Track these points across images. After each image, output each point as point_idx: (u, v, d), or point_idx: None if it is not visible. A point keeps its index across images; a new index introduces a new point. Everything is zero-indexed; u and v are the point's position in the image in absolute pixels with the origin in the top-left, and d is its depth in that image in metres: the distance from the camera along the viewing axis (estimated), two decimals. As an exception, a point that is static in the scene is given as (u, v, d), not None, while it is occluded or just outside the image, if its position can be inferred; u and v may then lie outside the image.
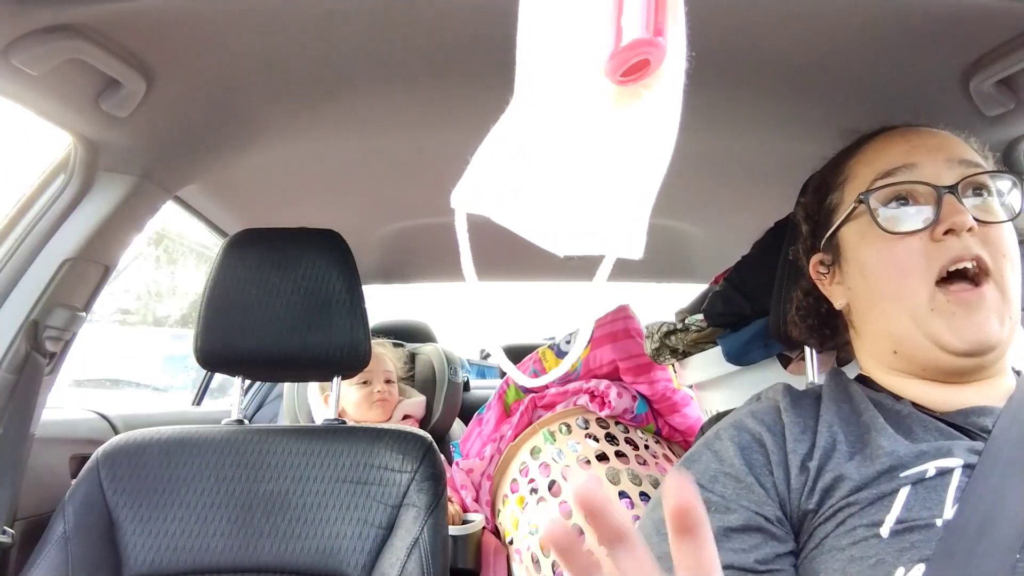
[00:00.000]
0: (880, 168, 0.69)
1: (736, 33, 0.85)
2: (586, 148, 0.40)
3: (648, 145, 0.39)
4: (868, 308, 0.70)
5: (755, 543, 0.58)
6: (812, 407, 0.67)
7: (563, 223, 0.40)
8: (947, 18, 0.79)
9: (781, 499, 0.61)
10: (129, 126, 0.96)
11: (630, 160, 0.39)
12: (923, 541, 0.54)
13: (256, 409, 2.10)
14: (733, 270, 1.14)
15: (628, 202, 0.39)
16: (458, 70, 0.96)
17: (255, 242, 1.11)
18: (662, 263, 2.02)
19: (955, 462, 0.58)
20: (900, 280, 0.65)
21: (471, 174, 0.41)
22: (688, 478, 0.32)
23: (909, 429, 0.63)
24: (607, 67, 0.38)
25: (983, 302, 0.62)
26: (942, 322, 0.62)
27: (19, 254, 1.00)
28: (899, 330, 0.66)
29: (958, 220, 0.62)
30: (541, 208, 0.40)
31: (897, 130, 0.73)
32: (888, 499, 0.57)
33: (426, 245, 1.87)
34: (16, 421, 0.98)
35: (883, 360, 0.70)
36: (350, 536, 0.96)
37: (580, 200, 0.40)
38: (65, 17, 0.75)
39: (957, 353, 0.62)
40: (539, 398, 1.55)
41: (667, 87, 0.39)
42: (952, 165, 0.66)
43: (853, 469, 0.59)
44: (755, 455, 0.64)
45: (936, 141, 0.69)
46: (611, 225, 0.39)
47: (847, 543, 0.56)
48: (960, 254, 0.62)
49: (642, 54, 0.38)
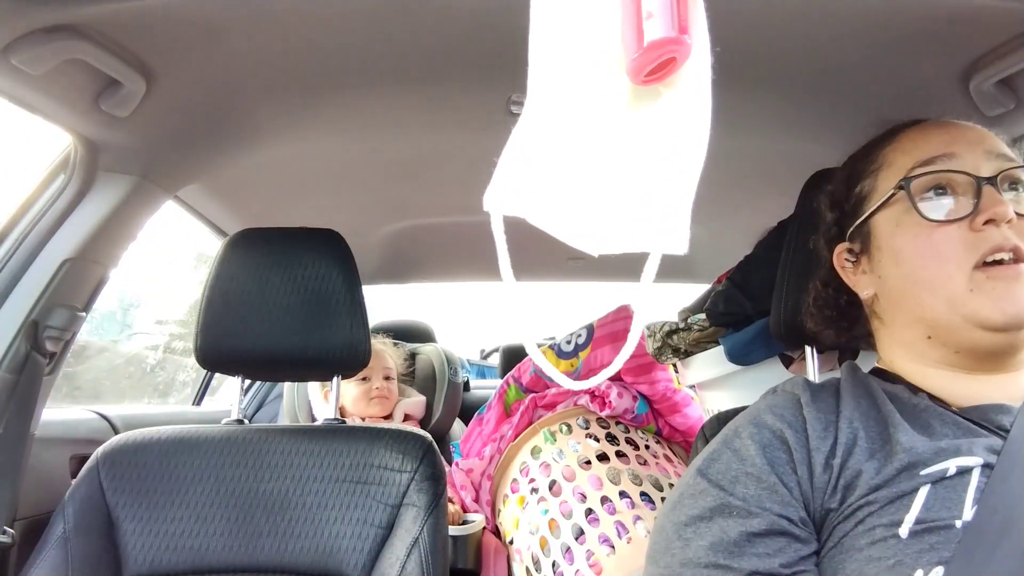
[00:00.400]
0: (919, 156, 0.69)
1: (736, 34, 0.85)
2: (611, 148, 0.40)
3: (677, 141, 0.39)
4: (900, 296, 0.69)
5: (779, 547, 0.58)
6: (832, 401, 0.67)
7: (598, 222, 0.40)
8: (947, 18, 0.79)
9: (805, 498, 0.61)
10: (129, 126, 0.96)
11: (661, 157, 0.39)
12: (942, 543, 0.53)
13: (256, 409, 2.10)
14: (736, 269, 1.14)
15: (667, 198, 0.39)
16: (458, 70, 0.96)
17: (255, 242, 1.11)
18: (662, 263, 2.01)
19: (975, 460, 0.57)
20: (938, 266, 0.65)
21: (501, 175, 0.40)
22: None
23: (927, 423, 0.62)
24: (630, 68, 0.38)
25: (1021, 276, 0.62)
26: (983, 298, 0.62)
27: (19, 254, 1.00)
28: (934, 315, 0.66)
29: (999, 211, 0.63)
30: (574, 208, 0.40)
31: (933, 121, 0.73)
32: (908, 498, 0.56)
33: (426, 245, 1.87)
34: (16, 421, 0.98)
35: (914, 347, 0.69)
36: (350, 536, 0.96)
37: (613, 199, 0.40)
38: (65, 17, 0.75)
39: (996, 328, 0.62)
40: (539, 398, 1.55)
41: (691, 83, 0.39)
42: (991, 158, 0.67)
43: (872, 467, 0.59)
44: (777, 453, 0.63)
45: (974, 134, 0.70)
46: (653, 222, 0.39)
47: (865, 543, 0.56)
48: (1000, 243, 0.62)
49: (668, 53, 0.38)
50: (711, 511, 0.61)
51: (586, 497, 1.27)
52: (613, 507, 1.24)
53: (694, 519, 0.61)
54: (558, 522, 1.27)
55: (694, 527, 0.61)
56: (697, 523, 0.61)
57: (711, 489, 0.62)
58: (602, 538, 1.21)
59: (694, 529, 0.60)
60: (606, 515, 1.23)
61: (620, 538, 1.20)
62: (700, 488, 0.63)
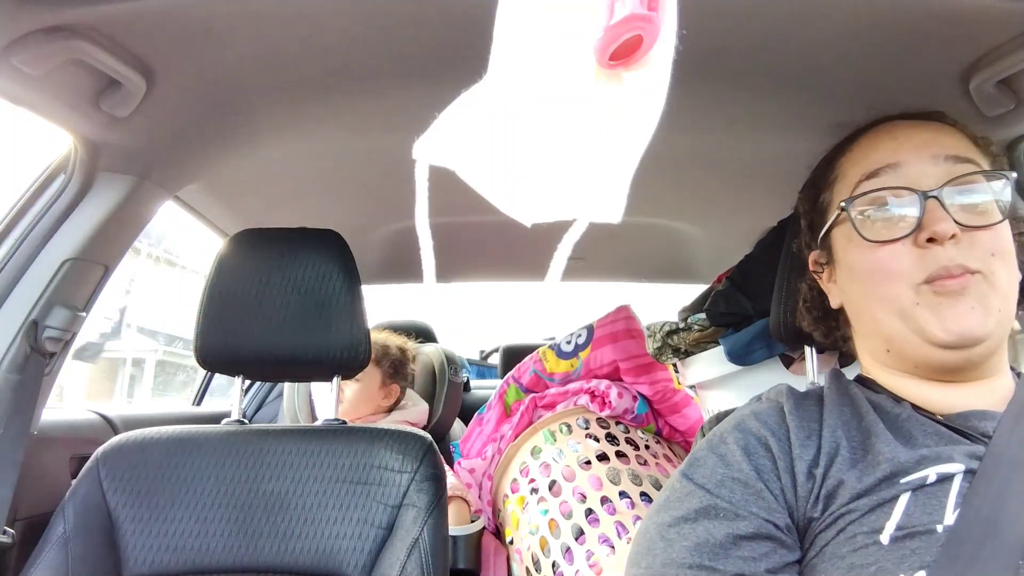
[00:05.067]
0: (866, 168, 0.68)
1: (736, 33, 0.85)
2: (560, 121, 0.40)
3: (631, 120, 0.39)
4: (859, 309, 0.70)
5: (765, 551, 0.58)
6: (815, 410, 0.67)
7: (532, 190, 0.40)
8: (947, 18, 0.79)
9: (789, 506, 0.60)
10: (129, 126, 0.96)
11: (610, 132, 0.39)
12: (923, 548, 0.53)
13: (256, 409, 2.10)
14: (736, 269, 1.14)
15: (607, 169, 0.39)
16: (458, 70, 0.96)
17: (255, 242, 1.11)
18: (662, 263, 2.02)
19: (956, 467, 0.57)
20: (885, 285, 0.64)
21: (438, 126, 0.41)
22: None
23: (908, 434, 0.62)
24: (598, 44, 0.38)
25: (967, 289, 0.61)
26: (928, 313, 0.62)
27: (19, 254, 1.00)
28: (889, 330, 0.66)
29: (939, 229, 0.61)
30: (509, 173, 0.40)
31: (885, 126, 0.71)
32: (888, 506, 0.56)
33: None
34: (16, 421, 0.98)
35: (879, 358, 0.70)
36: (350, 536, 0.96)
37: (552, 168, 0.39)
38: (65, 17, 0.75)
39: (943, 345, 0.61)
40: (539, 398, 1.55)
41: (654, 68, 0.39)
42: (938, 162, 0.65)
43: (854, 477, 0.59)
44: (762, 459, 0.63)
45: (923, 136, 0.68)
46: (588, 191, 0.39)
47: (847, 551, 0.56)
48: (944, 265, 0.61)
49: (634, 29, 0.37)
50: (696, 512, 0.60)
51: (586, 497, 1.27)
52: (613, 507, 1.24)
53: (678, 520, 0.60)
54: (558, 522, 1.27)
55: (678, 528, 0.60)
56: (681, 524, 0.60)
57: (697, 491, 0.62)
58: (602, 538, 1.21)
59: (678, 530, 0.60)
60: (606, 515, 1.23)
61: (620, 538, 1.20)
62: (686, 491, 0.63)
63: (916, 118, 0.71)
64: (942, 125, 0.70)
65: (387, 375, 1.70)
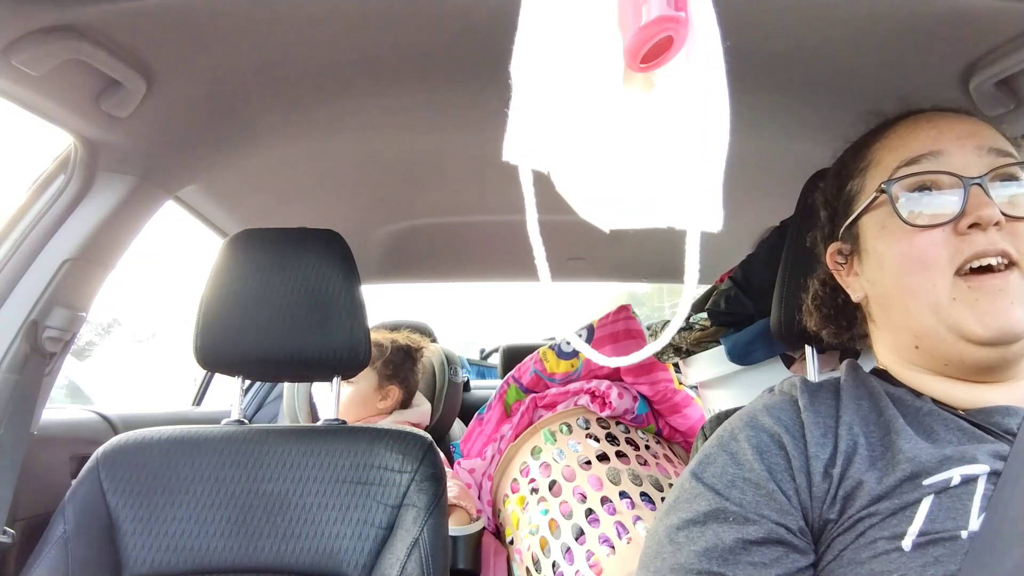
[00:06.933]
0: (905, 155, 0.65)
1: (736, 34, 0.85)
2: (619, 125, 0.38)
3: (696, 126, 0.38)
4: (887, 302, 0.67)
5: (776, 556, 0.56)
6: (831, 404, 0.64)
7: (615, 194, 0.38)
8: (947, 18, 0.79)
9: (803, 507, 0.58)
10: (129, 126, 0.96)
11: (680, 139, 0.38)
12: (947, 555, 0.51)
13: (256, 409, 2.10)
14: (738, 269, 1.14)
15: (694, 176, 0.38)
16: (457, 70, 0.96)
17: (255, 242, 1.11)
18: (662, 263, 2.02)
19: (980, 468, 0.55)
20: (920, 274, 0.62)
21: (517, 123, 0.37)
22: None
23: (930, 429, 0.60)
24: (628, 47, 0.37)
25: (1008, 287, 0.59)
26: (965, 309, 0.59)
27: (19, 254, 1.00)
28: (920, 325, 0.63)
29: (984, 214, 0.59)
30: (590, 176, 0.38)
31: (924, 115, 0.69)
32: (910, 509, 0.54)
33: (426, 245, 1.86)
34: (16, 421, 0.98)
35: (904, 355, 0.67)
36: (350, 536, 0.96)
37: (631, 173, 0.37)
38: (65, 17, 0.75)
39: (981, 342, 0.59)
40: (540, 398, 1.55)
41: (699, 67, 0.38)
42: (982, 153, 0.63)
43: (873, 478, 0.57)
44: (775, 458, 0.60)
45: (965, 127, 0.66)
46: (682, 199, 0.38)
47: (867, 556, 0.54)
48: (984, 249, 0.59)
49: (665, 30, 0.36)
50: (705, 516, 0.58)
51: (586, 497, 1.27)
52: (613, 507, 1.24)
53: (687, 523, 0.59)
54: (558, 522, 1.27)
55: (687, 531, 0.58)
56: (690, 527, 0.58)
57: (706, 493, 0.60)
58: (602, 538, 1.21)
59: (687, 534, 0.58)
60: (606, 515, 1.23)
61: (620, 538, 1.20)
62: (695, 492, 0.61)
63: (950, 111, 0.69)
64: (978, 119, 0.68)
65: (383, 376, 1.66)
